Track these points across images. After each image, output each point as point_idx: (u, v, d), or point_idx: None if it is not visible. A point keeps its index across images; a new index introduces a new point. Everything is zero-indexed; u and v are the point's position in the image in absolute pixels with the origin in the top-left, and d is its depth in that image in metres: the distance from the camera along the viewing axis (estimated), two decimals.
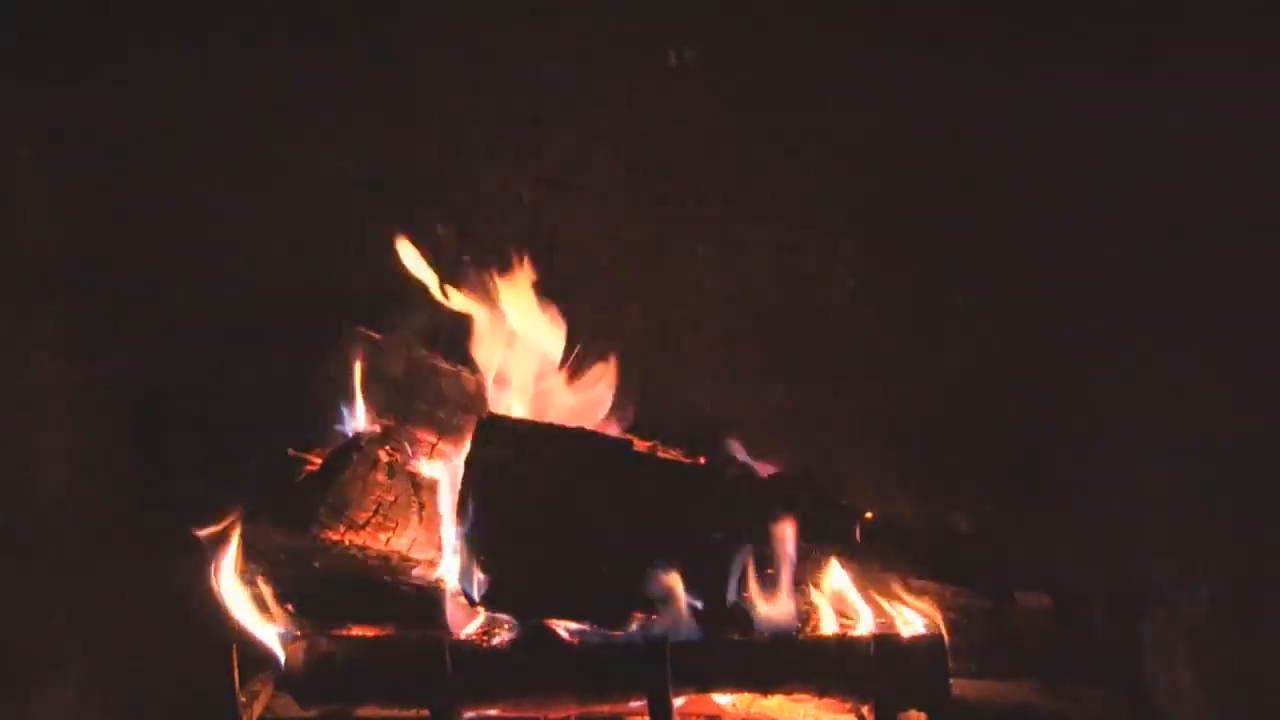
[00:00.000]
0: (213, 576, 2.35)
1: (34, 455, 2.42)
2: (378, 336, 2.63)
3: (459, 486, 2.37)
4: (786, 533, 2.38)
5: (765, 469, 2.62)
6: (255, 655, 2.33)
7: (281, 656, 2.30)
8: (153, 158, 2.63)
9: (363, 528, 2.43)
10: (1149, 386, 2.47)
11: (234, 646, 2.28)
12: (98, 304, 2.58)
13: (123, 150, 2.61)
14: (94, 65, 2.56)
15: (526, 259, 2.66)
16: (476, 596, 2.30)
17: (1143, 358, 2.48)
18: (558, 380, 2.65)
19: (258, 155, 2.68)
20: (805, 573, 2.43)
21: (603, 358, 2.65)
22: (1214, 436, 2.27)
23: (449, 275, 2.70)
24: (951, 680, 2.29)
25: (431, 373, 2.64)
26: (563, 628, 2.32)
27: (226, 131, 2.66)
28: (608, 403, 2.62)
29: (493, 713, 2.33)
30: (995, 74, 2.62)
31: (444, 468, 2.58)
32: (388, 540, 2.45)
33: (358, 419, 2.55)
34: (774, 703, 2.39)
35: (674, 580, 2.30)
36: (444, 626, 2.34)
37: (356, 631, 2.35)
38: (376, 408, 2.56)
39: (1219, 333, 2.28)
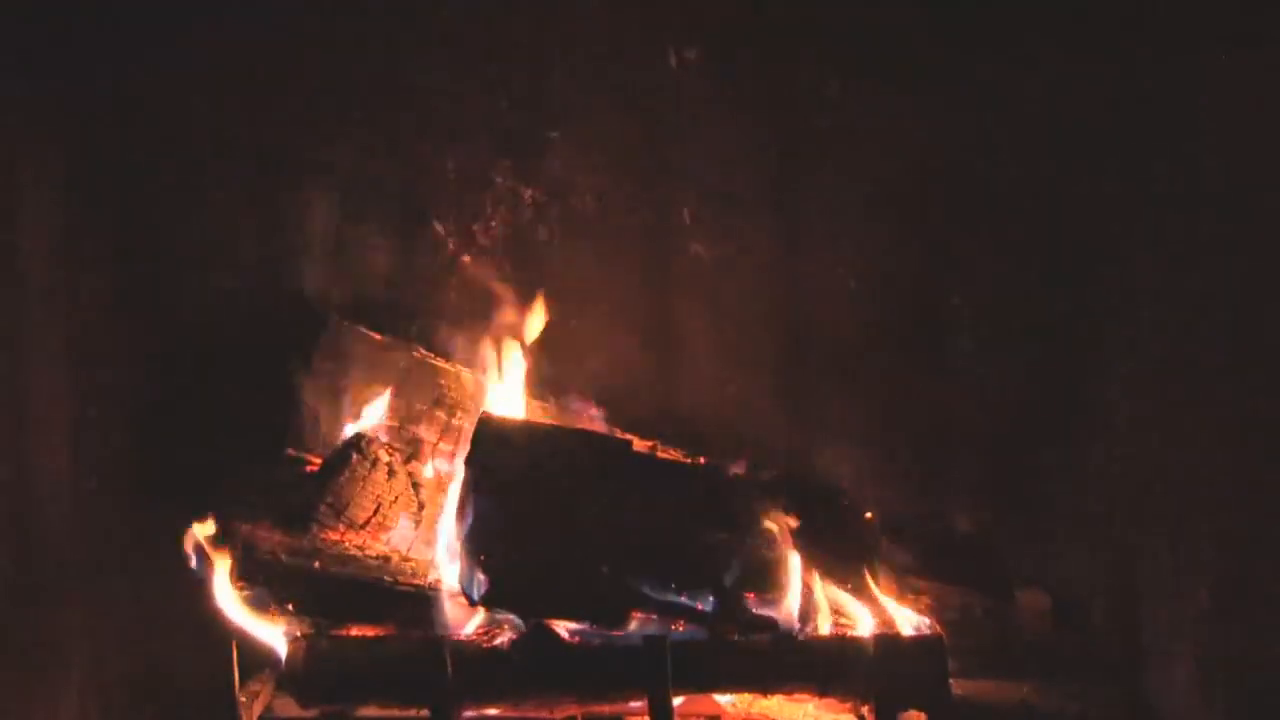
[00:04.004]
0: (213, 577, 2.35)
1: (34, 457, 2.42)
2: (378, 337, 2.63)
3: (459, 486, 2.37)
4: (786, 533, 2.38)
5: (766, 470, 2.63)
6: (255, 655, 2.33)
7: (281, 656, 2.30)
8: (149, 158, 2.64)
9: (363, 528, 2.43)
10: (1149, 385, 2.47)
11: (234, 646, 2.28)
12: (96, 305, 2.58)
13: (120, 153, 2.61)
14: (95, 66, 2.56)
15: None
16: (476, 596, 2.30)
17: (1142, 357, 2.49)
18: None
19: (256, 156, 2.68)
20: (805, 573, 2.43)
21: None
22: (1214, 436, 2.27)
23: (448, 274, 2.71)
24: (951, 680, 2.29)
25: (431, 372, 2.64)
26: (563, 628, 2.32)
27: (224, 130, 2.66)
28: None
29: (493, 713, 2.33)
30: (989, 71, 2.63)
31: (444, 468, 2.58)
32: (388, 540, 2.45)
33: (358, 419, 2.56)
34: (774, 703, 2.39)
35: (674, 580, 2.30)
36: (444, 626, 2.34)
37: (356, 631, 2.35)
38: (376, 408, 2.57)
39: (1219, 331, 2.28)
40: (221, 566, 2.35)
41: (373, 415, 2.58)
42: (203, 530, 2.37)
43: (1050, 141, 2.64)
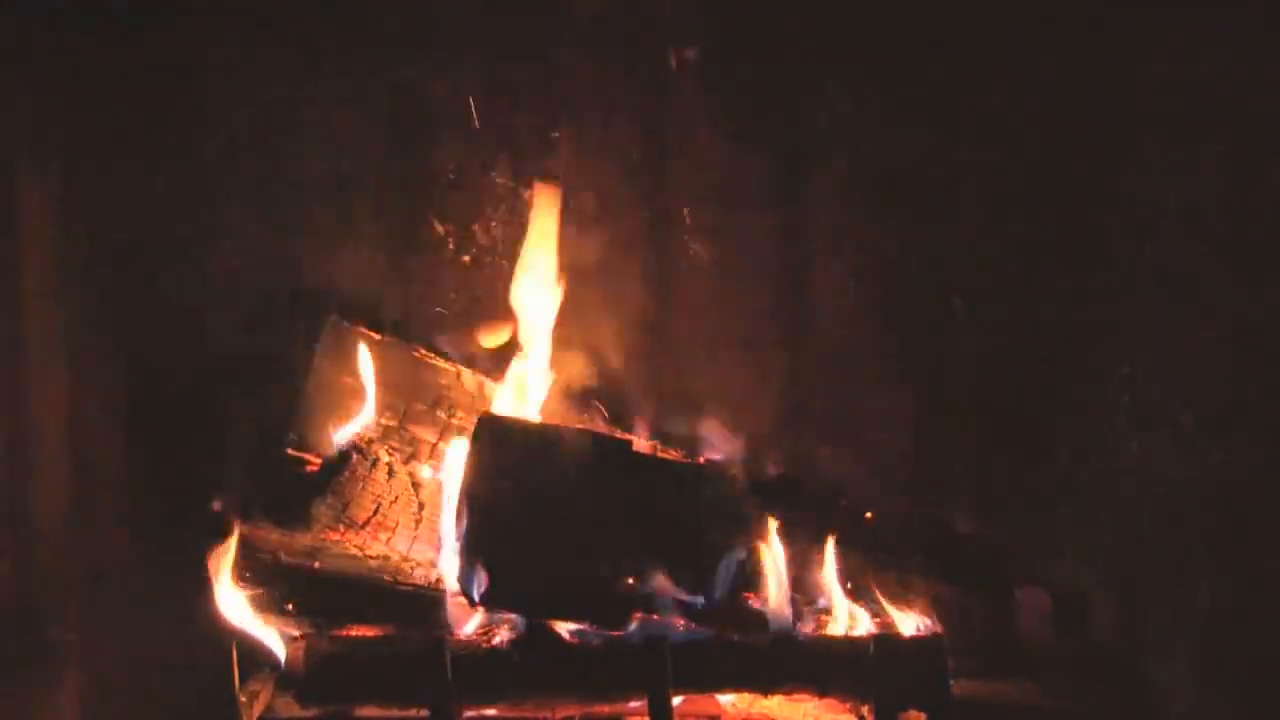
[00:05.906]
0: (212, 577, 2.35)
1: (33, 457, 2.42)
2: (377, 336, 2.63)
3: (459, 486, 2.37)
4: (787, 532, 2.38)
5: (766, 470, 2.63)
6: (255, 655, 2.33)
7: (281, 656, 2.30)
8: (148, 157, 2.63)
9: (363, 528, 2.43)
10: (1151, 385, 2.47)
11: (234, 646, 2.28)
12: (94, 307, 2.58)
13: (118, 150, 2.60)
14: (92, 62, 2.56)
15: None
16: (476, 596, 2.30)
17: (1145, 356, 2.48)
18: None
19: (255, 153, 2.68)
20: (805, 572, 2.43)
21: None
22: (1215, 436, 2.27)
23: (448, 274, 2.71)
24: (951, 680, 2.29)
25: (431, 372, 2.64)
26: (563, 628, 2.32)
27: (223, 129, 2.66)
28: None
29: (492, 713, 2.33)
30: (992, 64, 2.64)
31: (444, 468, 2.58)
32: (388, 540, 2.45)
33: (357, 419, 2.56)
34: (774, 703, 2.39)
35: (674, 580, 2.30)
36: (444, 626, 2.34)
37: (356, 631, 2.35)
38: (376, 407, 2.57)
39: (1220, 331, 2.28)
40: (221, 567, 2.35)
41: (372, 415, 2.57)
42: (203, 532, 2.37)
43: (1051, 135, 2.64)
